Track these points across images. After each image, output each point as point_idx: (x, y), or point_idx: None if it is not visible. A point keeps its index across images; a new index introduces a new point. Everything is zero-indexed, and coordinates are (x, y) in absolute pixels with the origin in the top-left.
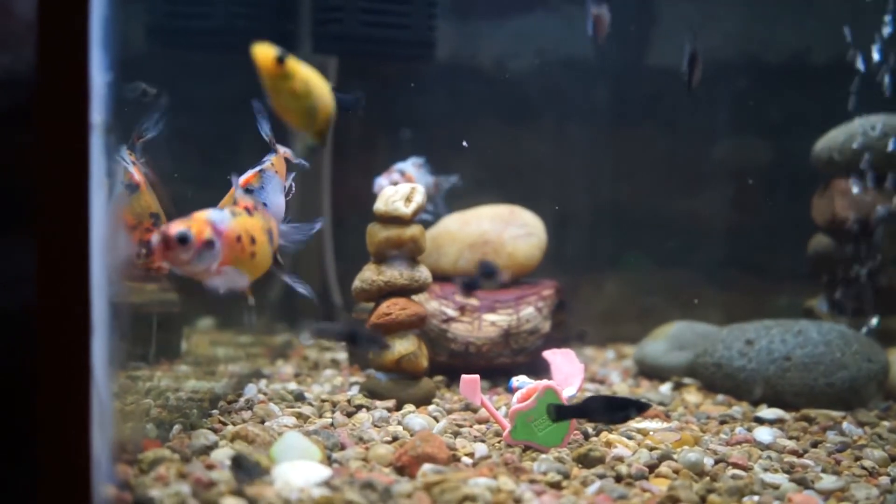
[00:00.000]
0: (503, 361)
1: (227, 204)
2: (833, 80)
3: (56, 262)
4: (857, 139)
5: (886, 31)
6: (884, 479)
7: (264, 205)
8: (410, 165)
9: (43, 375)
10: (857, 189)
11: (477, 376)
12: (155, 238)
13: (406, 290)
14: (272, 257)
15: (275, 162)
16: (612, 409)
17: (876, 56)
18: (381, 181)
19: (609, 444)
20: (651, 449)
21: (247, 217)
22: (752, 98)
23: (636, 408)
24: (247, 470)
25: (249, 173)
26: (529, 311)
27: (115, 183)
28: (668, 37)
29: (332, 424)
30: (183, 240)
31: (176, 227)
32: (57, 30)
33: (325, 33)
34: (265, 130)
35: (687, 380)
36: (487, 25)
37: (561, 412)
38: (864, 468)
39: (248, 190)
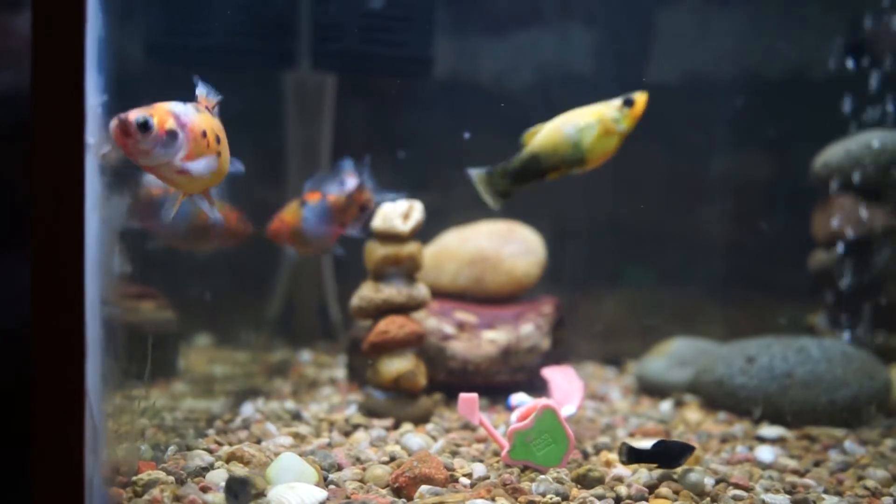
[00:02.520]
0: (502, 379)
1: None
2: (833, 95)
3: (50, 281)
4: (855, 155)
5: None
6: (887, 500)
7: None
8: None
9: (35, 396)
10: (855, 204)
11: (475, 395)
12: (112, 122)
13: (404, 308)
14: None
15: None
16: (677, 454)
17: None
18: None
19: (608, 464)
20: (651, 469)
21: (209, 115)
22: (752, 113)
23: (688, 450)
24: (238, 494)
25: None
26: (528, 329)
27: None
28: (666, 52)
29: (329, 444)
30: (144, 126)
31: (136, 112)
32: (52, 51)
33: (324, 51)
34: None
35: (688, 397)
36: (485, 42)
37: (632, 455)
38: (866, 488)
39: None
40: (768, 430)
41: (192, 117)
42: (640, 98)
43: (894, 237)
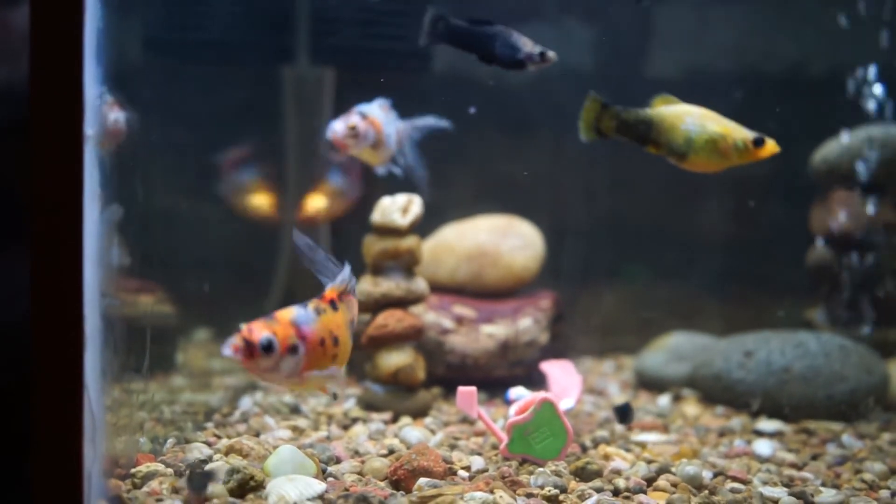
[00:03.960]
0: (500, 373)
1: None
2: (832, 91)
3: (49, 275)
4: (854, 150)
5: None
6: (884, 493)
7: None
8: (376, 108)
9: (35, 389)
10: (854, 200)
11: (474, 388)
12: (234, 343)
13: (403, 302)
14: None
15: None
16: None
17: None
18: (336, 124)
19: (607, 457)
20: (649, 462)
21: (331, 314)
22: (751, 109)
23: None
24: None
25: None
26: (527, 323)
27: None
28: (665, 48)
29: (327, 437)
30: (267, 348)
31: (260, 332)
32: (50, 43)
33: (323, 45)
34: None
35: (686, 391)
36: None
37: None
38: (864, 481)
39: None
40: (766, 424)
41: (312, 326)
42: (770, 145)
43: (893, 232)
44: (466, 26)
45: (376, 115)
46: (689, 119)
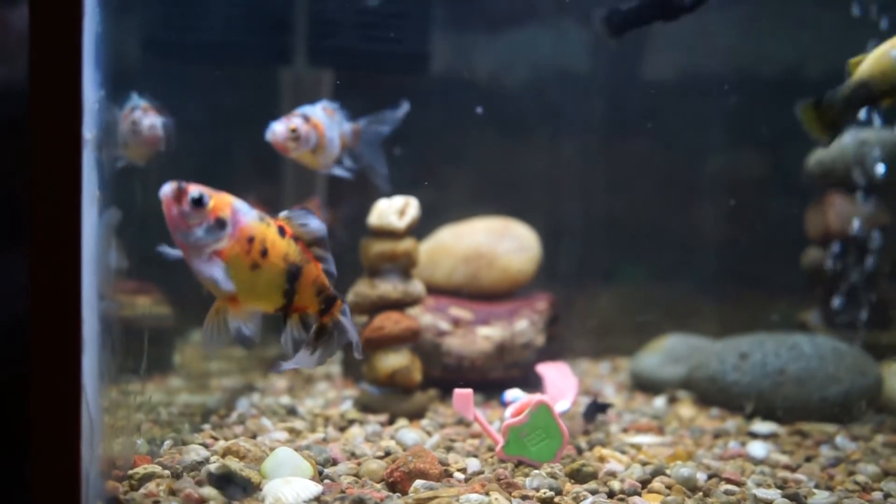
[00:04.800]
0: (496, 375)
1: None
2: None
3: (47, 277)
4: (849, 153)
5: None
6: (877, 495)
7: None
8: (319, 110)
9: (33, 391)
10: (848, 202)
11: (470, 390)
12: (167, 185)
13: (400, 304)
14: (282, 305)
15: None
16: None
17: None
18: (276, 127)
19: (602, 459)
20: (644, 464)
21: (274, 232)
22: (747, 111)
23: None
24: (239, 486)
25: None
26: (523, 325)
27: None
28: (661, 50)
29: (324, 439)
30: (197, 202)
31: (197, 187)
32: (49, 46)
33: (321, 47)
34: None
35: (681, 393)
36: (482, 39)
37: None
38: (857, 483)
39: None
40: (761, 426)
41: (249, 219)
42: None
43: (887, 234)
44: (630, 7)
45: (319, 117)
46: (892, 54)
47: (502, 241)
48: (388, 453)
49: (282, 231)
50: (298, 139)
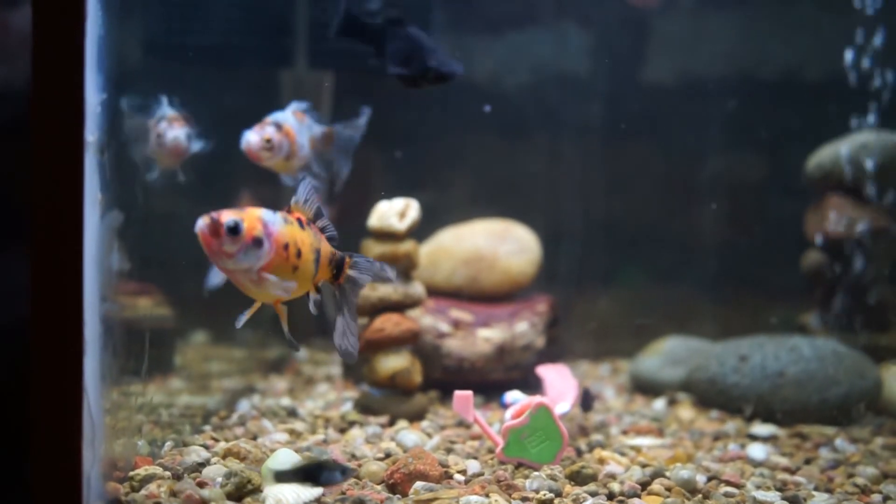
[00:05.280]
0: (497, 377)
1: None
2: (826, 96)
3: (49, 278)
4: (848, 156)
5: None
6: (876, 497)
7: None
8: (290, 116)
9: (35, 392)
10: (847, 205)
11: (470, 392)
12: (202, 221)
13: (400, 306)
14: (312, 286)
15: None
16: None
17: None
18: (251, 137)
19: (602, 461)
20: (644, 466)
21: (297, 228)
22: (746, 114)
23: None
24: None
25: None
26: (523, 327)
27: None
28: (661, 53)
29: (324, 441)
30: (233, 230)
31: (228, 215)
32: (52, 49)
33: (321, 49)
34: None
35: (681, 395)
36: (482, 42)
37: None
38: (856, 486)
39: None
40: (760, 429)
41: (279, 227)
42: None
43: (885, 237)
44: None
45: (290, 124)
46: None
47: (502, 244)
48: (388, 455)
49: (300, 223)
50: (272, 149)
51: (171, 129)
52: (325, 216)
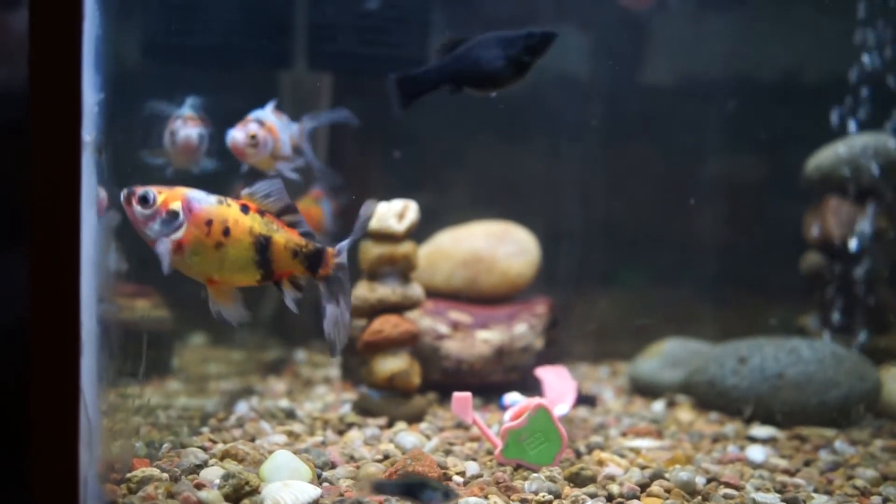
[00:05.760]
0: (495, 379)
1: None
2: (825, 98)
3: (47, 279)
4: (848, 158)
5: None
6: (876, 499)
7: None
8: (271, 113)
9: (31, 393)
10: (846, 207)
11: (469, 394)
12: (123, 191)
13: (399, 308)
14: (262, 276)
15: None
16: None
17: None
18: (236, 134)
19: (601, 463)
20: (643, 468)
21: (236, 211)
22: (745, 116)
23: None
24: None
25: None
26: (522, 329)
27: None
28: (660, 55)
29: (323, 442)
30: (143, 199)
31: (146, 188)
32: (49, 49)
33: (321, 51)
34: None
35: (680, 397)
36: None
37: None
38: (856, 488)
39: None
40: (759, 430)
41: (204, 205)
42: None
43: (884, 239)
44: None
45: (273, 121)
46: None
47: (501, 245)
48: (386, 457)
49: (245, 208)
50: (257, 145)
51: (185, 127)
52: (298, 214)
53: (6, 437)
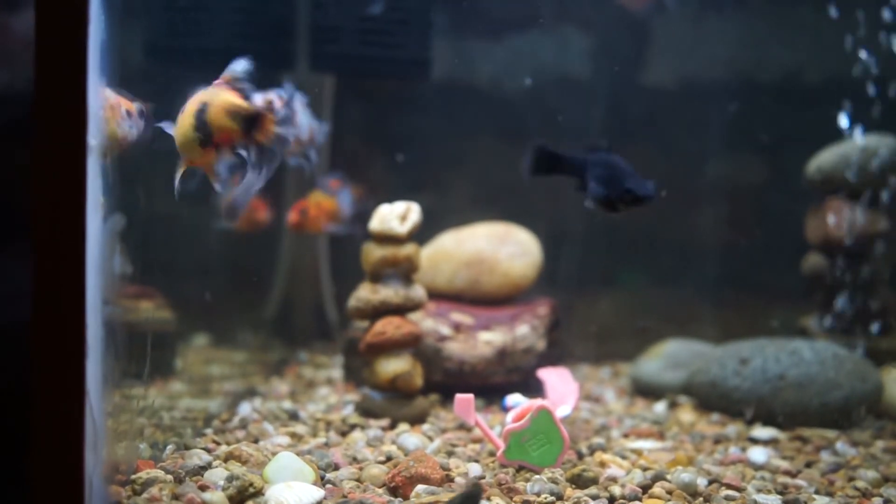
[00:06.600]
0: (498, 380)
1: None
2: (826, 99)
3: (51, 282)
4: (849, 159)
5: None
6: (877, 500)
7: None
8: (296, 94)
9: (36, 394)
10: (847, 208)
11: (471, 395)
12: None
13: (401, 309)
14: (197, 138)
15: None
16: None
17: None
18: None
19: (603, 464)
20: (645, 469)
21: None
22: (746, 117)
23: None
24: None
25: None
26: (524, 330)
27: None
28: (661, 56)
29: (326, 444)
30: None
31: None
32: (54, 52)
33: (323, 52)
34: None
35: (682, 398)
36: (483, 45)
37: None
38: (857, 489)
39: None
40: (761, 432)
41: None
42: None
43: (886, 241)
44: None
45: (297, 100)
46: None
47: (503, 247)
48: (389, 458)
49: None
50: (272, 112)
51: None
52: (246, 81)
53: (11, 438)
